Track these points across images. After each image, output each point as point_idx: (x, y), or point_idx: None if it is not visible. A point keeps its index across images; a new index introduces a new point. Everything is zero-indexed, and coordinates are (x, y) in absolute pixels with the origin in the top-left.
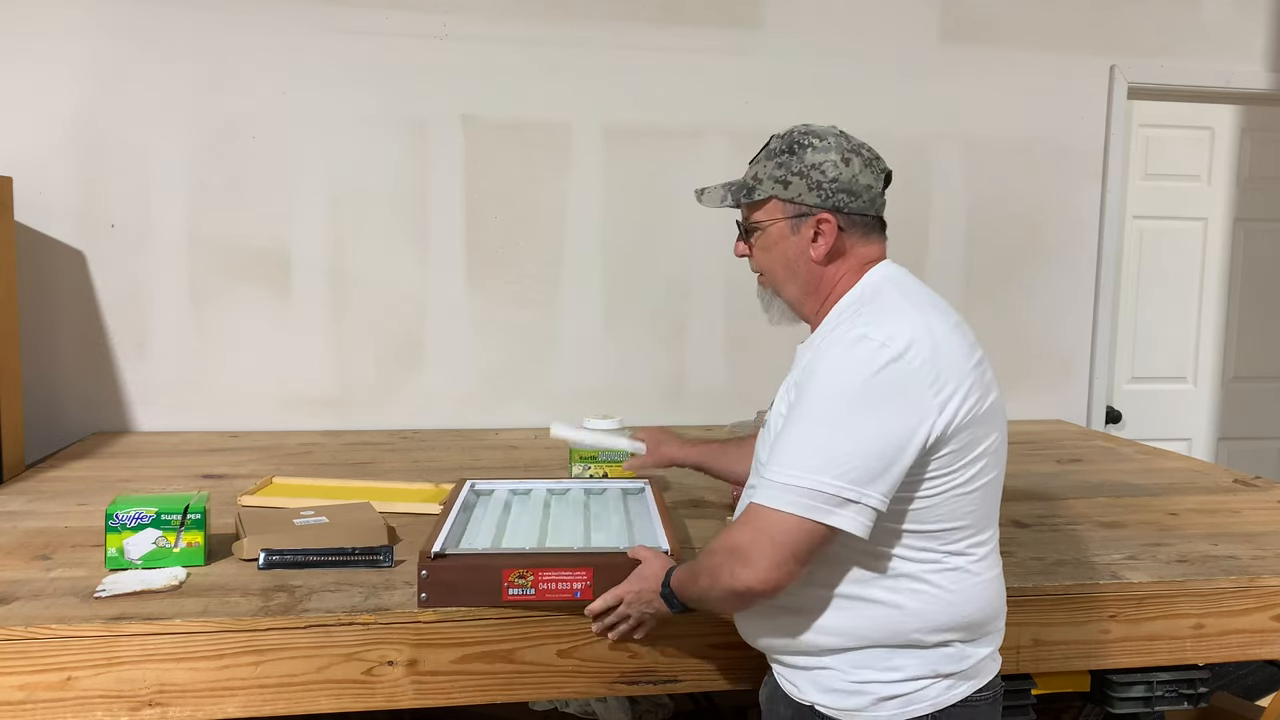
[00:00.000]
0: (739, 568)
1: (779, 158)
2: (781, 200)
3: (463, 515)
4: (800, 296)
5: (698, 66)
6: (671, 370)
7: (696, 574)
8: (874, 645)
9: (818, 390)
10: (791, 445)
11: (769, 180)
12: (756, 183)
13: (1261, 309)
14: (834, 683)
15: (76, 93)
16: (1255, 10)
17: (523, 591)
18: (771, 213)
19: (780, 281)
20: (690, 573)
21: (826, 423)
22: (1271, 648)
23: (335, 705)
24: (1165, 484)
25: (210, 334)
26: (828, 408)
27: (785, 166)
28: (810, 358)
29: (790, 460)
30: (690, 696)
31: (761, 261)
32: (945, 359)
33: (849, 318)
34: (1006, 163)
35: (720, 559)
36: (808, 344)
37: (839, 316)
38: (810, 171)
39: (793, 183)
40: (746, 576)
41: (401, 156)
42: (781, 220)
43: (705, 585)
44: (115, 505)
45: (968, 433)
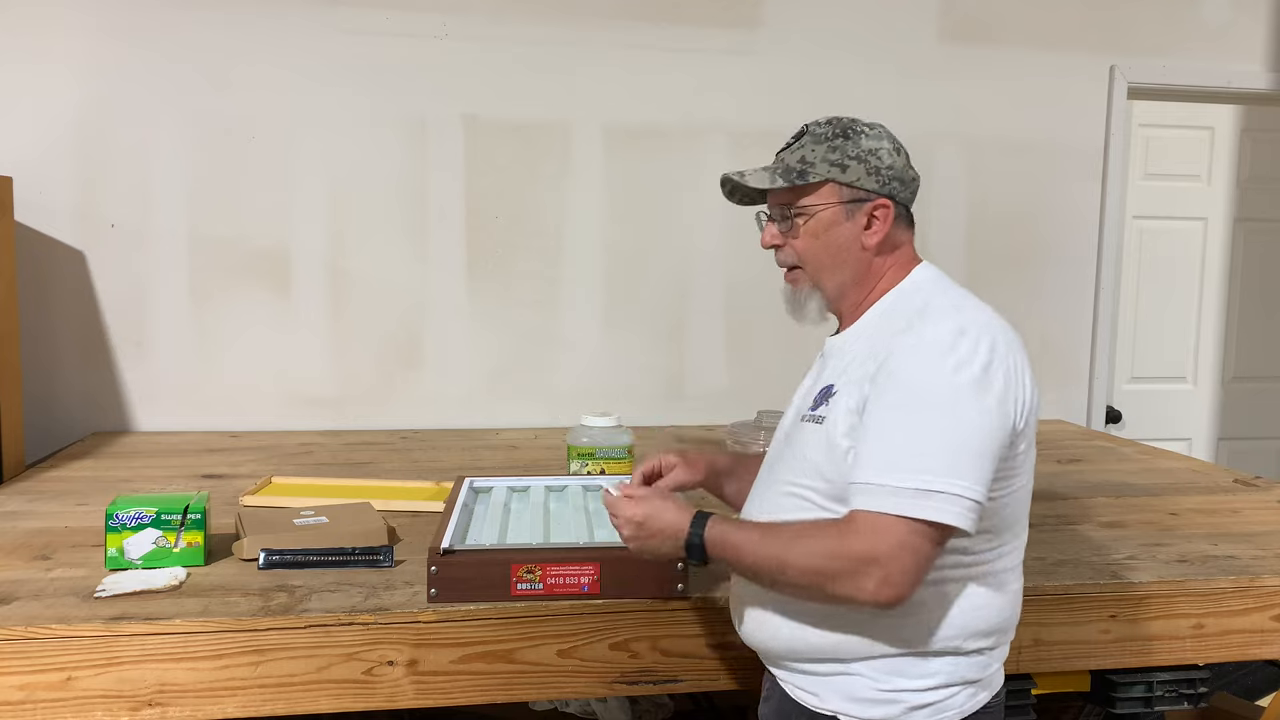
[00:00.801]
0: (877, 584)
1: (831, 141)
2: (839, 184)
3: (465, 513)
4: (845, 287)
5: (698, 66)
6: (671, 370)
7: (782, 561)
8: (911, 652)
9: (929, 389)
10: (913, 448)
11: (823, 163)
12: (807, 166)
13: (1261, 309)
14: (862, 691)
15: (76, 93)
16: (1255, 10)
17: (531, 586)
18: (825, 197)
19: (825, 270)
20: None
21: (948, 422)
22: (1271, 648)
23: (335, 705)
24: (1165, 484)
25: (210, 334)
26: (946, 407)
27: (841, 150)
28: (893, 355)
29: (917, 464)
30: (690, 696)
31: (805, 249)
32: (1020, 355)
33: (918, 312)
34: (1006, 163)
35: (845, 565)
36: (849, 339)
37: (898, 311)
38: (868, 157)
39: (850, 166)
40: (887, 594)
41: (401, 156)
42: (836, 205)
43: (797, 579)
44: (115, 505)
45: (1030, 430)
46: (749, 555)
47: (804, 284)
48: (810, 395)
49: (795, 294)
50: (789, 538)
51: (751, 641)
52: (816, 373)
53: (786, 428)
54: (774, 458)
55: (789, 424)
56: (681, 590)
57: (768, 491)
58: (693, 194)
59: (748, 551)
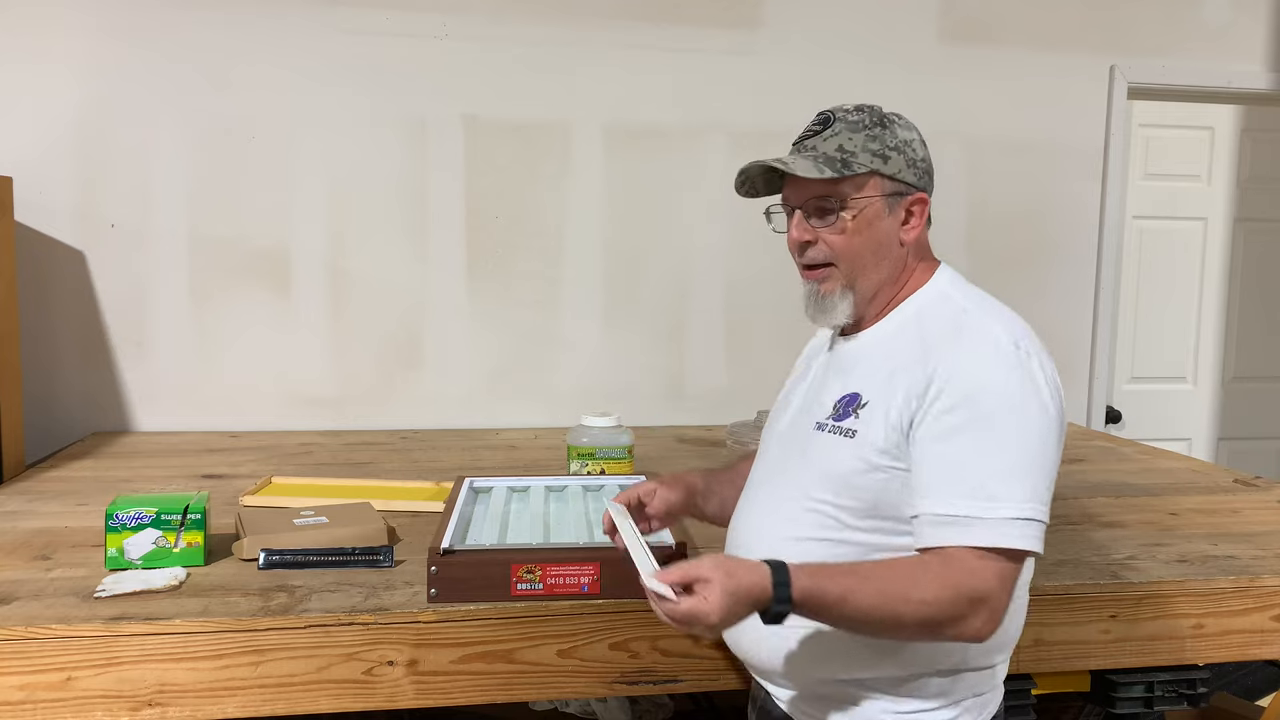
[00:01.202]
0: (983, 622)
1: (870, 130)
2: (882, 176)
3: (465, 513)
4: (880, 286)
5: (698, 66)
6: (671, 370)
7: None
8: (927, 672)
9: (1002, 410)
10: (995, 474)
11: (865, 153)
12: (849, 155)
13: (1261, 309)
14: (878, 715)
15: (77, 93)
16: (1255, 10)
17: (531, 586)
18: (870, 189)
19: (865, 268)
20: (853, 601)
21: (1023, 444)
22: (1271, 648)
23: (335, 705)
24: (1165, 484)
25: (210, 334)
26: (1020, 428)
27: (880, 140)
28: (955, 373)
29: (1002, 492)
30: (690, 696)
31: (845, 245)
32: (1052, 362)
33: (956, 320)
34: (1006, 163)
35: (959, 609)
36: (870, 344)
37: (932, 317)
38: (905, 148)
39: (892, 158)
40: (989, 630)
41: (401, 156)
42: (878, 198)
43: (909, 628)
44: (115, 505)
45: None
46: (852, 607)
47: (836, 283)
48: (825, 402)
49: (824, 295)
50: (898, 583)
51: (751, 659)
52: (824, 375)
53: (793, 433)
54: (779, 465)
55: (797, 430)
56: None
57: (781, 505)
58: (693, 194)
59: (851, 604)
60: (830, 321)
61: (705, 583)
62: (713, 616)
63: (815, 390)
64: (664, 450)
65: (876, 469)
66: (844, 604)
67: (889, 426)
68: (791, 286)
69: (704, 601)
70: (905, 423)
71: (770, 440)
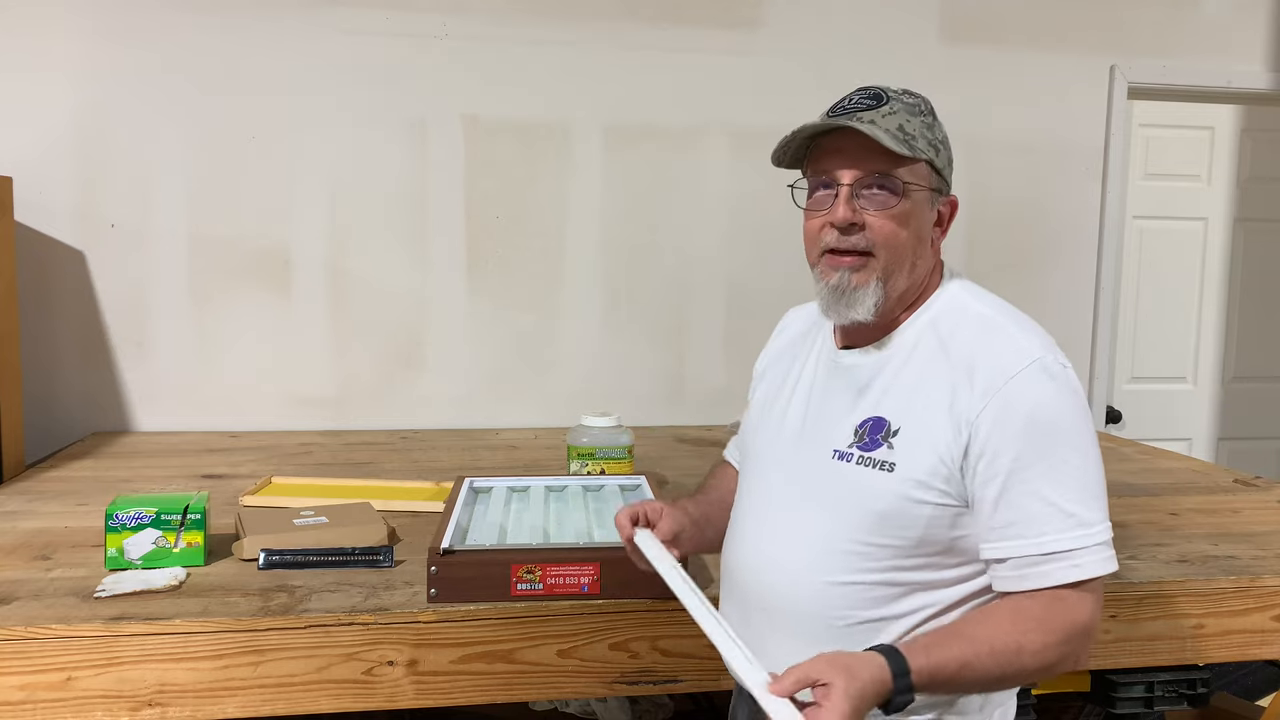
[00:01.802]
0: (1086, 652)
1: (925, 118)
2: (934, 169)
3: (465, 513)
4: (907, 285)
5: (698, 66)
6: (671, 370)
7: (1020, 667)
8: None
9: (1067, 433)
10: (1077, 502)
11: (922, 140)
12: (910, 137)
13: (1261, 309)
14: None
15: (76, 93)
16: (1255, 10)
17: (531, 586)
18: (921, 178)
19: (904, 262)
20: (977, 667)
21: (1088, 465)
22: (1271, 648)
23: (335, 705)
24: (1165, 484)
25: (210, 334)
26: (1084, 449)
27: (933, 130)
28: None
29: (1086, 517)
30: (690, 696)
31: (892, 234)
32: None
33: (989, 334)
34: (1006, 163)
35: (1072, 647)
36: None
37: (954, 330)
38: (946, 146)
39: (941, 151)
40: (1088, 655)
41: (401, 156)
42: (926, 190)
43: (1029, 676)
44: (115, 505)
45: None
46: (970, 676)
47: (871, 274)
48: (841, 426)
49: (855, 287)
50: (1007, 638)
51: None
52: (826, 391)
53: (805, 460)
54: (798, 498)
55: (810, 456)
56: None
57: (812, 545)
58: (693, 194)
59: (969, 673)
60: (851, 317)
61: (824, 687)
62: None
63: (819, 408)
64: (664, 450)
65: (922, 503)
66: (961, 675)
67: (937, 459)
68: (791, 286)
69: (829, 713)
70: (958, 455)
71: (767, 461)
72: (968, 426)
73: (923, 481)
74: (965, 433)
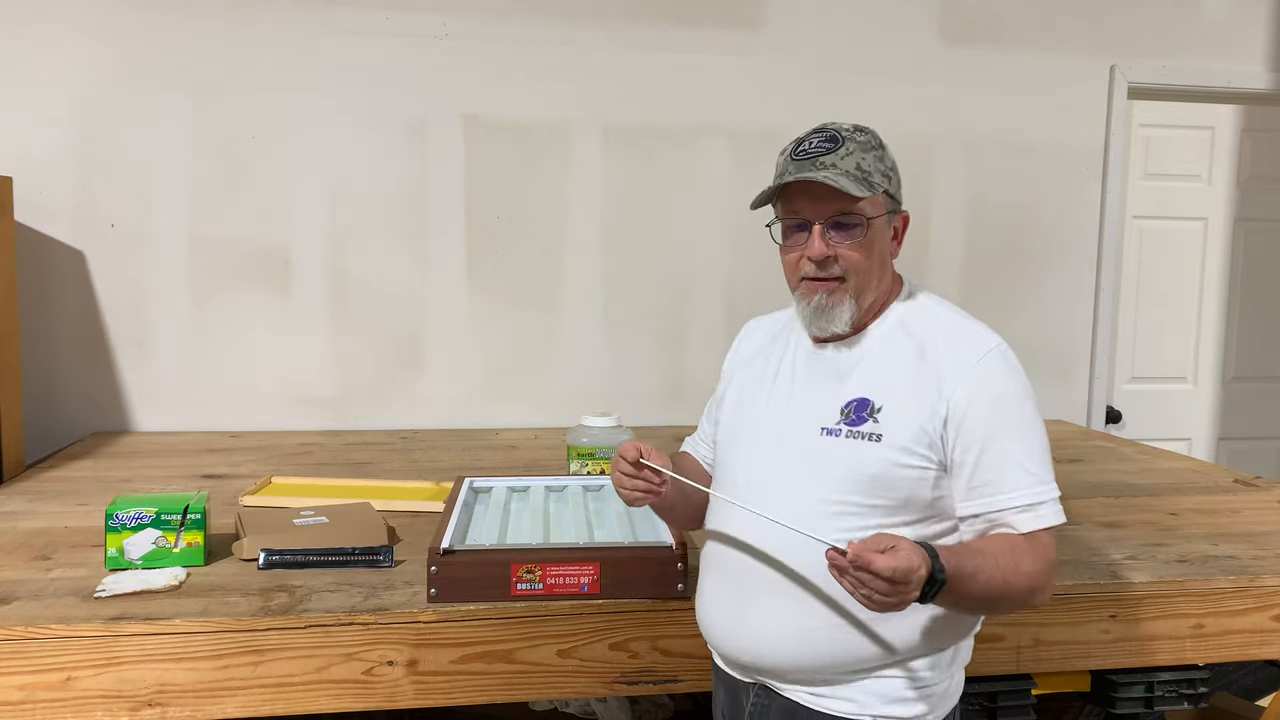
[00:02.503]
0: (1050, 588)
1: (876, 151)
2: (888, 194)
3: (465, 513)
4: (875, 297)
5: (698, 66)
6: (671, 370)
7: (1007, 584)
8: (942, 648)
9: (1023, 405)
10: (1037, 462)
11: (877, 174)
12: (867, 174)
13: (1261, 309)
14: (901, 691)
15: (77, 93)
16: (1255, 10)
17: (531, 586)
18: (880, 207)
19: (871, 281)
20: (980, 578)
21: (1041, 431)
22: (1271, 648)
23: (335, 705)
24: (1165, 484)
25: (210, 334)
26: (1037, 419)
27: (884, 160)
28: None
29: (1045, 476)
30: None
31: (860, 260)
32: None
33: (950, 326)
34: (1007, 163)
35: (1044, 580)
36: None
37: (917, 323)
38: (895, 170)
39: (892, 177)
40: (1045, 600)
41: (401, 156)
42: (883, 215)
43: (1013, 600)
44: (115, 505)
45: None
46: (981, 583)
47: (844, 294)
48: (826, 408)
49: (831, 306)
50: (1006, 559)
51: (756, 658)
52: (808, 381)
53: (791, 439)
54: (785, 473)
55: (797, 436)
56: (681, 590)
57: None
58: (693, 194)
59: (981, 580)
60: (830, 329)
61: (894, 548)
62: (921, 569)
63: (803, 393)
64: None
65: (907, 467)
66: (975, 579)
67: (919, 428)
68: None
69: (911, 558)
70: (938, 424)
71: (752, 442)
72: (945, 400)
73: (907, 448)
74: (944, 405)
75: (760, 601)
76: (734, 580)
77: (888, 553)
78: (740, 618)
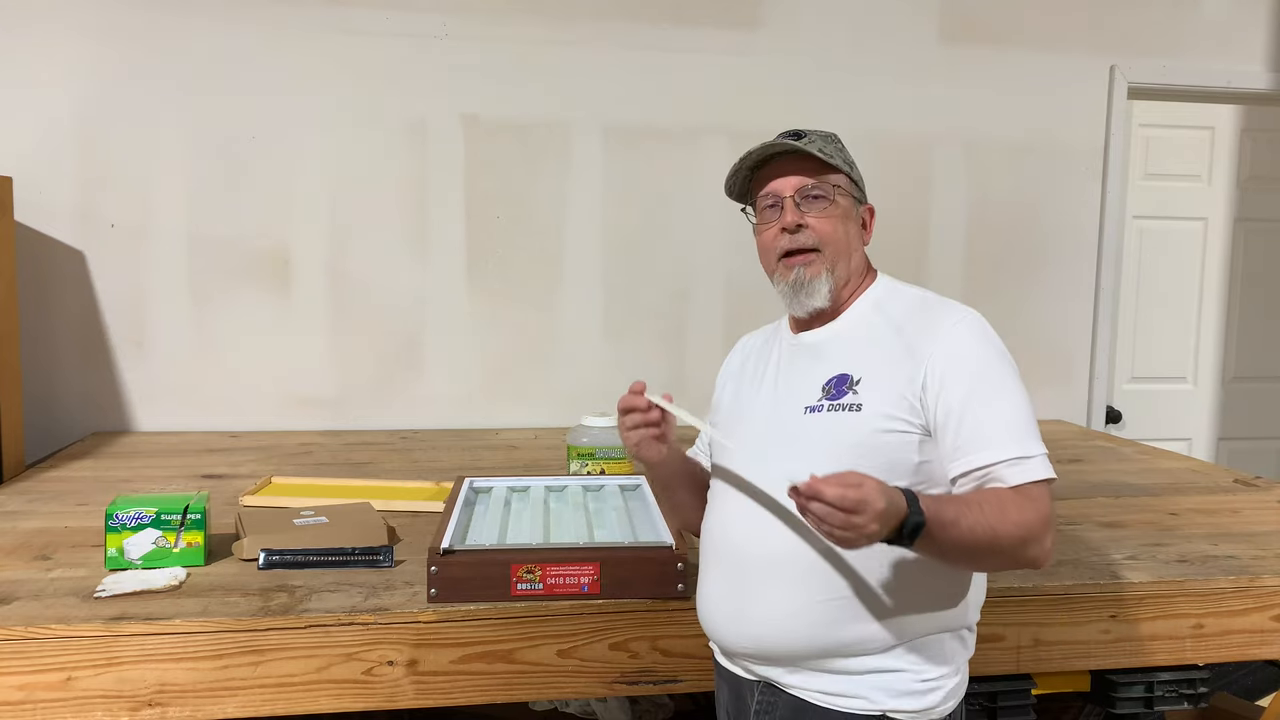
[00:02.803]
0: (1051, 543)
1: (835, 142)
2: (851, 179)
3: (465, 513)
4: (849, 276)
5: (698, 66)
6: (671, 370)
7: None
8: (948, 632)
9: (1001, 366)
10: (1020, 419)
11: (839, 159)
12: (830, 155)
13: (1261, 309)
14: (905, 684)
15: (77, 93)
16: (1255, 10)
17: (531, 586)
18: (846, 185)
19: (843, 255)
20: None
21: (1021, 391)
22: (1271, 648)
23: (335, 705)
24: (1165, 484)
25: (210, 334)
26: (1016, 379)
27: (844, 152)
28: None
29: (1030, 431)
30: (690, 696)
31: (831, 230)
32: None
33: (924, 303)
34: (1006, 163)
35: (1038, 530)
36: (838, 332)
37: (894, 305)
38: (854, 166)
39: (853, 168)
40: (1052, 550)
41: (401, 156)
42: (850, 196)
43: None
44: (115, 505)
45: None
46: (965, 529)
47: (820, 266)
48: (808, 387)
49: (810, 279)
50: (992, 508)
51: (766, 648)
52: (790, 367)
53: (778, 422)
54: (776, 452)
55: (783, 419)
56: (681, 590)
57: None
58: (692, 194)
59: (964, 526)
60: (811, 304)
61: (861, 483)
62: (879, 503)
63: (787, 381)
64: None
65: (889, 433)
66: (957, 524)
67: (898, 394)
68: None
69: (871, 491)
70: (917, 389)
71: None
72: (923, 364)
73: (888, 414)
74: (922, 368)
75: (760, 587)
76: (733, 570)
77: (848, 483)
78: (740, 607)
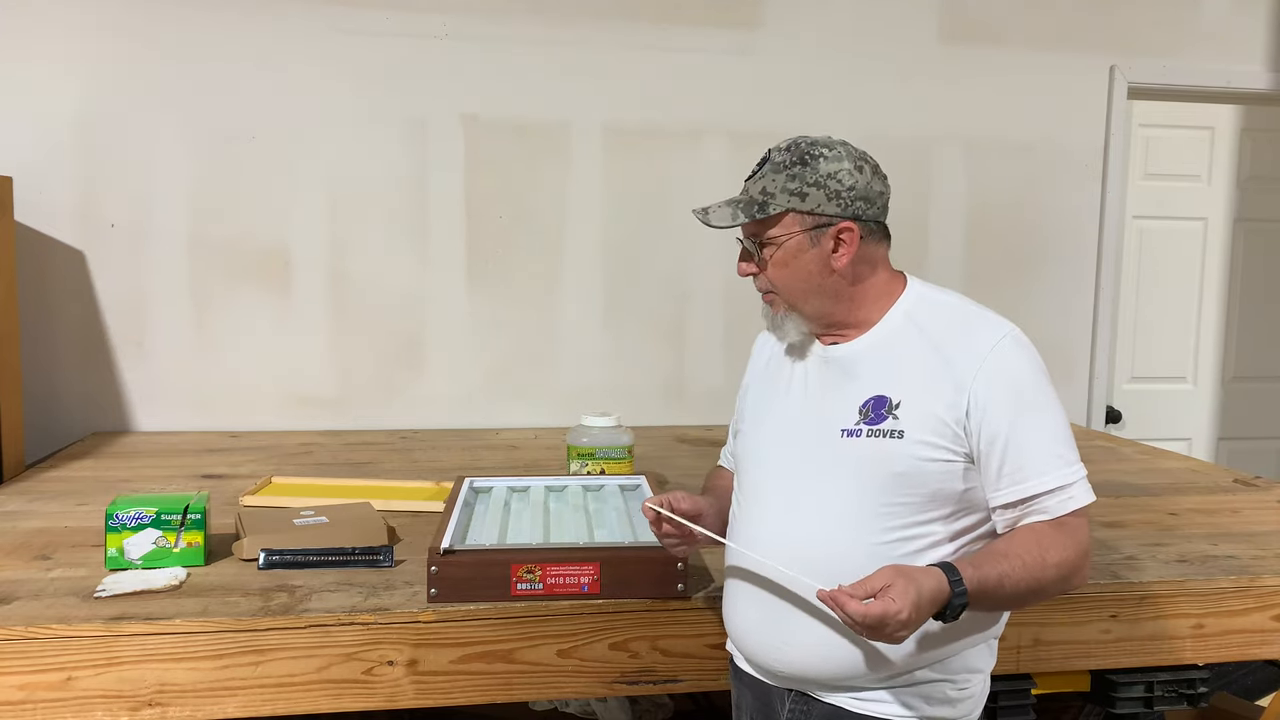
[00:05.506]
0: (1088, 568)
1: (790, 170)
2: (799, 213)
3: (465, 513)
4: (827, 307)
5: (698, 66)
6: (671, 370)
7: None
8: (980, 641)
9: (1042, 389)
10: (1061, 444)
11: (782, 194)
12: (768, 198)
13: (1261, 309)
14: (945, 693)
15: (77, 93)
16: (1255, 10)
17: (531, 586)
18: (788, 227)
19: (799, 296)
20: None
21: (1056, 413)
22: (1271, 648)
23: (335, 705)
24: (1165, 484)
25: (210, 334)
26: (1056, 401)
27: (799, 179)
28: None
29: (1070, 457)
30: (690, 696)
31: (778, 278)
32: None
33: (962, 316)
34: (1006, 163)
35: (1080, 564)
36: (866, 348)
37: (929, 317)
38: (827, 181)
39: (810, 194)
40: (1088, 573)
41: (401, 156)
42: (799, 233)
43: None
44: (115, 505)
45: None
46: (1009, 589)
47: (780, 307)
48: (843, 408)
49: (776, 315)
50: (1033, 558)
51: (801, 671)
52: (821, 381)
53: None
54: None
55: (817, 438)
56: (681, 590)
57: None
58: (692, 194)
59: (1008, 587)
60: (784, 338)
61: (887, 588)
62: (904, 613)
63: (818, 397)
64: (664, 450)
65: (932, 461)
66: (1002, 587)
67: (939, 421)
68: None
69: (892, 603)
70: (960, 415)
71: (772, 452)
72: (965, 390)
73: (931, 442)
74: (964, 397)
75: (799, 617)
76: (766, 596)
77: (870, 597)
78: (779, 634)
